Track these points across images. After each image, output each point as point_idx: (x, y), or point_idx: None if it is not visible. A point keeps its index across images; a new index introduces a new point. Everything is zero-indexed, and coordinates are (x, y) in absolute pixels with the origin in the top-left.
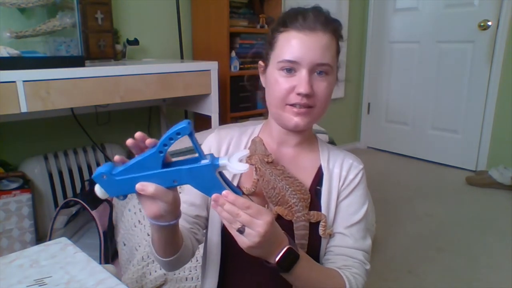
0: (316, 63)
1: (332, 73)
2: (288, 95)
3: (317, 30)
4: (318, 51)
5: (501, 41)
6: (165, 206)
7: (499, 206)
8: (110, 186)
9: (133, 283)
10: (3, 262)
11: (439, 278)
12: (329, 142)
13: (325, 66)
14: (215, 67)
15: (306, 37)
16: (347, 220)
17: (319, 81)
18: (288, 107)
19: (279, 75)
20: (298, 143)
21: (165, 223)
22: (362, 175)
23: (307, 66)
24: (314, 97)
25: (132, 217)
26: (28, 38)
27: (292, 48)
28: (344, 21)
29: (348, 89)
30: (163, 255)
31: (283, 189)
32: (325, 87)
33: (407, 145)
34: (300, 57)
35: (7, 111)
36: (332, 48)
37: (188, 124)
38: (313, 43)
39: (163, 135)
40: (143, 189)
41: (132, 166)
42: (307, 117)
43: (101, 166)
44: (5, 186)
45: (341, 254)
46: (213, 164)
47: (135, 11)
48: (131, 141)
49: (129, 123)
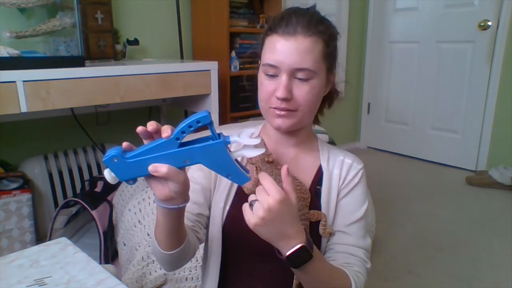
0: (295, 68)
1: (316, 76)
2: (270, 98)
3: (298, 34)
4: (297, 55)
5: (501, 41)
6: (176, 187)
7: (499, 206)
8: (121, 170)
9: (133, 283)
10: (3, 262)
11: (439, 278)
12: (329, 142)
13: (305, 71)
14: (215, 67)
15: (286, 42)
16: (347, 218)
17: (300, 85)
18: (271, 109)
19: (264, 78)
20: (297, 143)
21: (175, 206)
22: (362, 174)
23: (286, 71)
24: (294, 101)
25: (132, 217)
26: (28, 38)
27: (274, 53)
28: (344, 21)
29: (348, 89)
30: (167, 247)
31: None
32: (306, 91)
33: (407, 145)
34: (279, 62)
35: (7, 111)
36: (315, 51)
37: (209, 114)
38: (292, 48)
39: (181, 123)
40: (156, 171)
41: (146, 152)
42: (289, 119)
43: (110, 149)
44: (5, 186)
45: (342, 252)
46: (225, 141)
47: (135, 11)
48: (142, 128)
49: (129, 123)
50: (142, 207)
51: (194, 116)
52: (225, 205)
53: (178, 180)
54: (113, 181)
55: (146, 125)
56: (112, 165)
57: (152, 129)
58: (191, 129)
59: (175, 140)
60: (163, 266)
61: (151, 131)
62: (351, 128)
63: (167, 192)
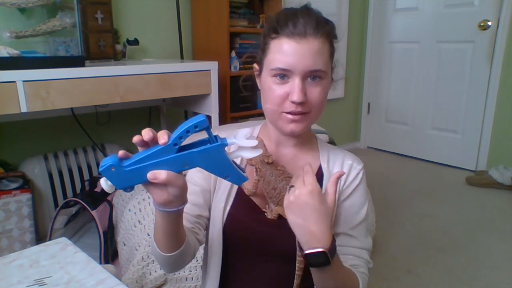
0: (309, 70)
1: (326, 77)
2: (283, 102)
3: (308, 35)
4: (310, 58)
5: (501, 41)
6: (175, 191)
7: (499, 206)
8: (119, 178)
9: (133, 283)
10: (3, 262)
11: (439, 278)
12: (329, 142)
13: (318, 72)
14: (215, 67)
15: (297, 44)
16: (351, 221)
17: (313, 86)
18: (283, 114)
19: (272, 82)
20: (297, 143)
21: (174, 209)
22: (362, 175)
23: (300, 74)
24: (308, 104)
25: (132, 217)
26: (28, 38)
27: (284, 56)
28: (344, 21)
29: (348, 89)
30: (167, 249)
31: (284, 189)
32: (319, 92)
33: (407, 145)
34: (292, 65)
35: (7, 111)
36: (325, 52)
37: (206, 118)
38: (305, 50)
39: (178, 128)
40: (155, 178)
41: (144, 159)
42: (302, 123)
43: (106, 158)
44: (5, 186)
45: (349, 254)
46: (222, 144)
47: (135, 11)
48: (138, 138)
49: (129, 123)
50: (142, 207)
51: (191, 121)
52: (225, 205)
53: (177, 185)
54: (110, 190)
55: (142, 133)
56: (109, 174)
57: (148, 138)
58: (188, 134)
59: (173, 146)
60: (163, 268)
61: (147, 140)
62: (351, 128)
63: (166, 197)
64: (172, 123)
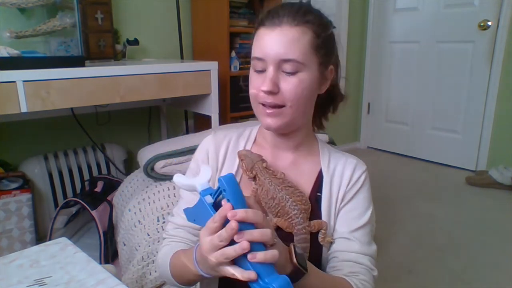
0: (281, 59)
1: (305, 69)
2: (258, 93)
3: (284, 24)
4: (282, 46)
5: (501, 41)
6: None
7: (499, 206)
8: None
9: (133, 283)
10: (3, 262)
11: (439, 278)
12: (329, 142)
13: (291, 62)
14: (215, 67)
15: (271, 32)
16: (352, 224)
17: (287, 78)
18: (260, 106)
19: (252, 73)
20: (295, 146)
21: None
22: (365, 177)
23: (272, 63)
24: (281, 95)
25: (132, 217)
26: (28, 38)
27: (259, 45)
28: (344, 21)
29: (348, 89)
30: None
31: (283, 199)
32: (294, 84)
33: (407, 145)
34: (265, 54)
35: (7, 111)
36: (303, 41)
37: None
38: (277, 38)
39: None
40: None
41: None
42: (279, 118)
43: None
44: (5, 186)
45: (347, 260)
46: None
47: (135, 11)
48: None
49: (129, 123)
50: (142, 207)
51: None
52: None
53: None
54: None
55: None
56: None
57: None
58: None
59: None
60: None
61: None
62: (351, 128)
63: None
64: (172, 123)
